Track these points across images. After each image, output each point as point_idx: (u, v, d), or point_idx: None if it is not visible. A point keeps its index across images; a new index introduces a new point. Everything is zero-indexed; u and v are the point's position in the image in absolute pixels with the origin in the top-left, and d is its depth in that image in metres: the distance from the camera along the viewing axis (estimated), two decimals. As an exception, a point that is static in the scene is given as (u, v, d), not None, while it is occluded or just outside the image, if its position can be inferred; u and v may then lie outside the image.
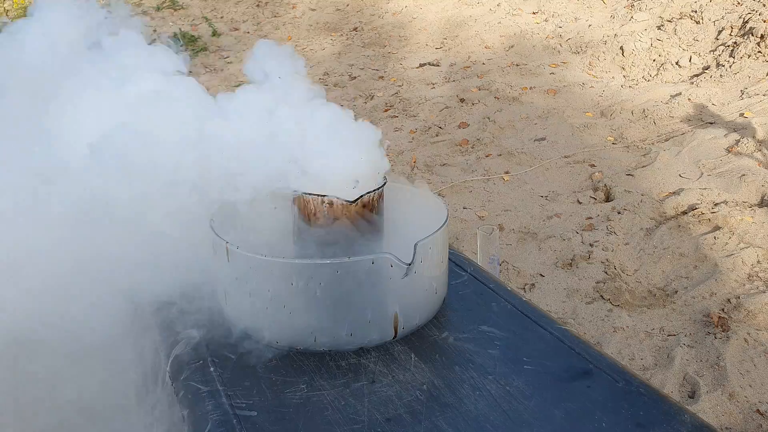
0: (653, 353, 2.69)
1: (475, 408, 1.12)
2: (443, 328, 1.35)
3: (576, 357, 1.24)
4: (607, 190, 3.90)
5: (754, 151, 3.98)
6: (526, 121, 4.95)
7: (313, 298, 1.24)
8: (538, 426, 1.08)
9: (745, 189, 3.61)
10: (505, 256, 3.36)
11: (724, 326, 2.72)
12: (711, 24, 5.56)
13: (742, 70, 4.98)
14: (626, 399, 1.13)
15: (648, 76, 5.44)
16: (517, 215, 3.75)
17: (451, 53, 6.58)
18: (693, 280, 3.05)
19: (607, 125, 4.78)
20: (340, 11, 8.36)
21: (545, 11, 6.84)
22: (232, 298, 1.33)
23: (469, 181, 4.18)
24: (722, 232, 3.27)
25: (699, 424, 1.08)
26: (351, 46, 7.27)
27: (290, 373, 1.22)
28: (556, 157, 4.42)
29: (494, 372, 1.21)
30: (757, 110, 4.40)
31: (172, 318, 1.39)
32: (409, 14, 7.72)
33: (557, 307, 3.00)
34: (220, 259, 1.32)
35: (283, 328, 1.27)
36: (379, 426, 1.09)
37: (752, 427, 2.33)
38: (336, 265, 1.23)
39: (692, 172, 3.93)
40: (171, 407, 1.24)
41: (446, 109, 5.29)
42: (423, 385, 1.18)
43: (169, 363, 1.29)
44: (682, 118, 4.64)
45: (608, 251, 3.31)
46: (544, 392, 1.15)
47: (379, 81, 6.17)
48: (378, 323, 1.28)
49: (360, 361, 1.25)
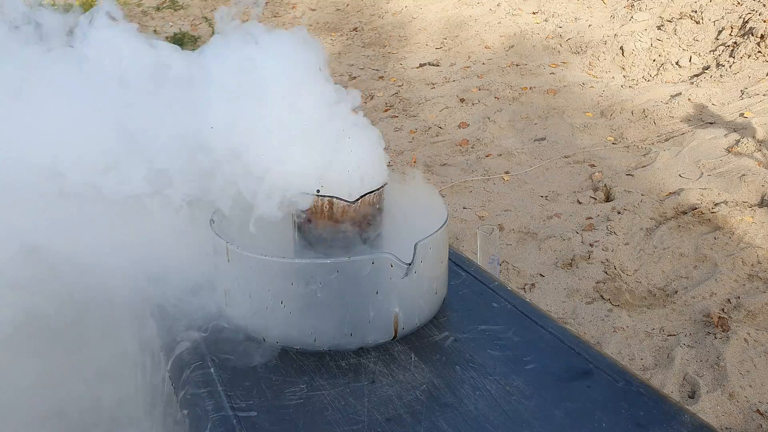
0: (653, 353, 2.69)
1: (475, 408, 1.12)
2: (443, 328, 1.35)
3: (576, 357, 1.24)
4: (607, 190, 3.90)
5: (754, 151, 3.98)
6: (526, 121, 4.95)
7: (313, 298, 1.24)
8: (538, 426, 1.08)
9: (745, 189, 3.61)
10: (505, 256, 3.36)
11: (724, 326, 2.72)
12: (711, 24, 5.56)
13: (742, 70, 4.98)
14: (626, 399, 1.13)
15: (648, 76, 5.44)
16: (517, 215, 3.75)
17: (451, 53, 6.58)
18: (693, 280, 3.05)
19: (607, 125, 4.78)
20: (340, 11, 8.36)
21: (545, 11, 6.85)
22: (232, 298, 1.33)
23: (469, 181, 4.19)
24: (722, 232, 3.27)
25: (699, 424, 1.08)
26: (351, 46, 7.27)
27: (290, 373, 1.22)
28: (556, 157, 4.42)
29: (494, 372, 1.21)
30: (757, 110, 4.40)
31: (172, 318, 1.39)
32: (409, 14, 7.72)
33: (557, 307, 3.00)
34: (220, 259, 1.32)
35: (283, 328, 1.27)
36: (379, 426, 1.09)
37: (752, 427, 2.33)
38: (336, 265, 1.23)
39: (692, 172, 3.93)
40: (171, 407, 1.24)
41: (446, 109, 5.30)
42: (423, 385, 1.18)
43: (169, 363, 1.29)
44: (682, 118, 4.64)
45: (608, 251, 3.31)
46: (544, 392, 1.15)
47: (379, 81, 6.17)
48: (378, 323, 1.28)
49: (360, 361, 1.25)
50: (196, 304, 1.39)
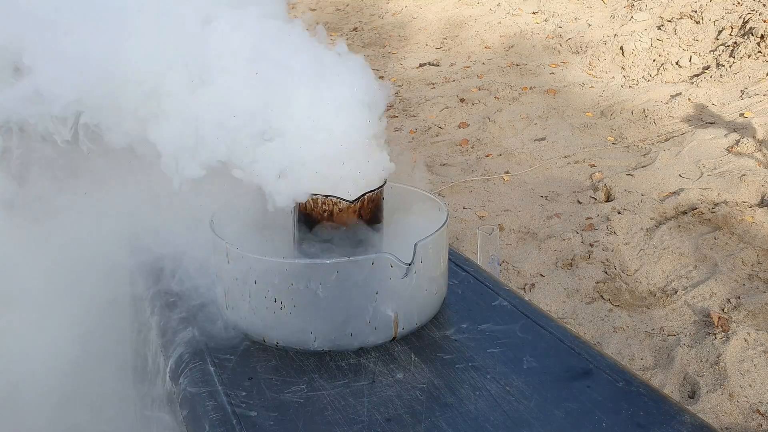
0: (653, 353, 2.69)
1: (475, 408, 1.12)
2: (443, 328, 1.35)
3: (576, 357, 1.24)
4: (607, 190, 3.90)
5: (754, 151, 3.98)
6: (526, 121, 4.95)
7: (313, 298, 1.24)
8: (538, 426, 1.08)
9: (745, 189, 3.61)
10: (505, 256, 3.36)
11: (724, 326, 2.72)
12: (711, 24, 5.56)
13: (742, 70, 4.98)
14: (626, 399, 1.13)
15: (648, 76, 5.44)
16: (517, 215, 3.75)
17: (451, 53, 6.58)
18: (693, 280, 3.05)
19: (607, 125, 4.78)
20: (340, 11, 8.36)
21: (545, 11, 6.85)
22: (232, 298, 1.33)
23: (469, 181, 4.19)
24: (722, 232, 3.27)
25: (699, 424, 1.08)
26: (351, 46, 7.25)
27: (290, 373, 1.22)
28: (556, 157, 4.42)
29: (494, 372, 1.21)
30: (757, 110, 4.40)
31: (172, 318, 1.39)
32: (409, 14, 7.72)
33: (557, 307, 3.00)
34: (220, 259, 1.32)
35: (283, 328, 1.27)
36: (379, 426, 1.09)
37: (752, 427, 2.33)
38: (336, 265, 1.23)
39: (692, 172, 3.93)
40: (171, 407, 1.24)
41: (446, 109, 5.30)
42: (423, 385, 1.18)
43: (169, 363, 1.29)
44: (682, 118, 4.64)
45: (608, 251, 3.31)
46: (544, 392, 1.15)
47: (379, 81, 6.17)
48: (378, 323, 1.28)
49: (360, 361, 1.25)
50: (196, 304, 1.40)
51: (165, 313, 1.42)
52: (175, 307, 1.43)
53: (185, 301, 1.43)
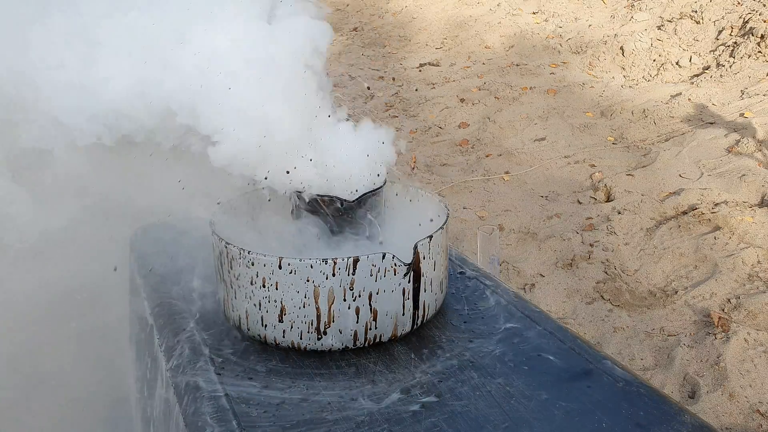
0: (653, 353, 2.69)
1: (475, 408, 1.12)
2: (443, 328, 1.35)
3: (576, 357, 1.24)
4: (607, 190, 3.90)
5: (754, 151, 3.98)
6: (526, 121, 4.95)
7: (313, 298, 1.24)
8: (538, 426, 1.08)
9: (745, 189, 3.61)
10: (505, 256, 3.36)
11: (724, 326, 2.72)
12: (711, 24, 5.56)
13: (742, 70, 4.98)
14: (626, 399, 1.13)
15: (648, 76, 5.44)
16: (517, 215, 3.75)
17: (451, 53, 6.58)
18: (693, 280, 3.05)
19: (607, 125, 4.78)
20: (340, 11, 8.36)
21: (545, 11, 6.84)
22: (232, 298, 1.33)
23: (469, 181, 4.19)
24: (722, 232, 3.27)
25: (699, 424, 1.08)
26: (351, 46, 7.27)
27: (290, 373, 1.22)
28: (556, 157, 4.42)
29: (494, 372, 1.21)
30: (757, 110, 4.40)
31: (172, 317, 1.39)
32: (409, 14, 7.72)
33: (557, 307, 3.00)
34: (220, 258, 1.32)
35: (283, 328, 1.27)
36: (378, 426, 1.09)
37: (752, 427, 2.33)
38: (336, 265, 1.23)
39: (692, 172, 3.93)
40: (171, 407, 1.24)
41: (446, 109, 5.30)
42: (423, 384, 1.18)
43: (169, 363, 1.29)
44: (682, 118, 4.64)
45: (608, 251, 3.31)
46: (544, 392, 1.15)
47: (379, 81, 6.17)
48: (378, 323, 1.28)
49: (360, 361, 1.25)
50: (196, 304, 1.40)
51: (165, 312, 1.42)
52: (175, 306, 1.43)
53: (185, 301, 1.43)
